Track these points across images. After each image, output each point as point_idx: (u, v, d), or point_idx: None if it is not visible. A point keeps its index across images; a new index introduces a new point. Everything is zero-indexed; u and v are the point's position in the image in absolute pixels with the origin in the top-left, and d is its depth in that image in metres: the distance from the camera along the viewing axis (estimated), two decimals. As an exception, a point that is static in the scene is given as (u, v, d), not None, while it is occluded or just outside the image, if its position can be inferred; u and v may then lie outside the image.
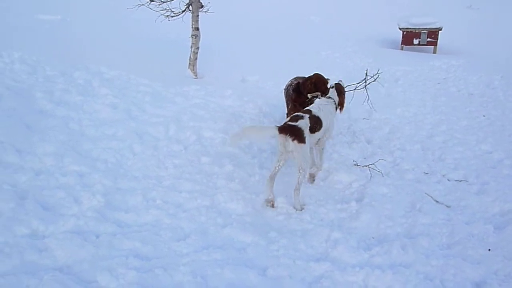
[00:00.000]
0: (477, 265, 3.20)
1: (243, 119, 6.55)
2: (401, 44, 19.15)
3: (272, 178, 4.34)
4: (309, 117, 4.43)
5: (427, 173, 5.00)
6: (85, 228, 3.45)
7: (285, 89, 5.92)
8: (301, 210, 4.20)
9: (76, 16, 13.43)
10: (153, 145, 5.34)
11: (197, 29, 8.89)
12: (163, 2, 8.37)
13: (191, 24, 8.90)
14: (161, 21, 8.59)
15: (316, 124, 4.51)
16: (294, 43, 13.29)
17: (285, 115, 5.91)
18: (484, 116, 7.28)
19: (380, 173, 4.86)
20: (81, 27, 11.81)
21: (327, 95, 4.99)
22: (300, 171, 4.24)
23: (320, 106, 4.76)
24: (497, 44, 17.51)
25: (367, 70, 6.19)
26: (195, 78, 9.04)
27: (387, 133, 6.42)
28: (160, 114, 6.40)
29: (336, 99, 4.99)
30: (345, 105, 5.12)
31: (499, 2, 29.50)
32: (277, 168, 4.35)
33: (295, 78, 5.92)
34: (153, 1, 8.29)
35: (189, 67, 9.16)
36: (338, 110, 5.06)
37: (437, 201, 4.29)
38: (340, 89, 5.10)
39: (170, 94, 7.44)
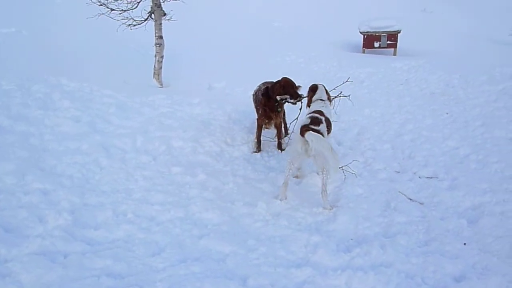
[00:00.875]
0: (455, 260, 3.23)
1: (212, 127, 6.44)
2: (363, 47, 19.66)
3: (286, 183, 4.34)
4: (325, 119, 4.39)
5: (398, 172, 5.07)
6: (52, 249, 3.23)
7: (253, 95, 5.88)
8: (331, 210, 4.18)
9: (33, 29, 12.88)
10: (120, 158, 5.14)
11: (161, 37, 8.72)
12: (124, 11, 8.14)
13: (154, 32, 8.72)
14: (123, 30, 8.36)
15: (329, 126, 4.50)
16: (259, 49, 13.32)
17: (255, 121, 5.86)
18: (447, 113, 7.49)
19: (354, 174, 4.88)
20: (38, 39, 11.29)
21: (319, 98, 4.89)
22: (324, 172, 4.17)
23: (323, 109, 4.68)
24: (451, 45, 18.34)
25: (348, 79, 6.33)
26: (160, 87, 8.86)
27: (356, 134, 6.49)
28: (126, 126, 6.19)
29: (325, 97, 4.97)
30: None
31: (450, 5, 31.43)
32: (291, 171, 4.31)
33: (263, 83, 5.89)
34: (113, 10, 8.04)
35: (154, 77, 8.96)
36: None
37: (410, 199, 4.34)
38: (326, 89, 5.08)
39: (136, 105, 7.24)
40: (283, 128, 5.92)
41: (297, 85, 5.41)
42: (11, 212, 3.61)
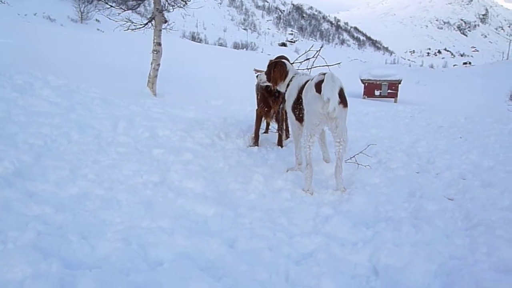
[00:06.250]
0: (514, 244, 2.42)
1: (205, 125, 5.74)
2: (363, 95, 19.65)
3: (311, 166, 3.38)
4: None
5: (418, 172, 4.32)
6: (-27, 191, 2.40)
7: (255, 85, 5.26)
8: (344, 191, 3.40)
9: (29, 40, 12.66)
10: (95, 134, 4.39)
11: (159, 44, 8.28)
12: (124, 10, 7.76)
13: (152, 39, 8.31)
14: (119, 31, 7.94)
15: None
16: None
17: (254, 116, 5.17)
18: (460, 137, 6.91)
19: (368, 167, 4.12)
20: (33, 47, 11.01)
21: (295, 72, 4.11)
22: (342, 143, 3.40)
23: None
24: (450, 104, 18.52)
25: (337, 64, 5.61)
26: (153, 96, 8.27)
27: (365, 145, 5.78)
28: (108, 113, 5.51)
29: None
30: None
31: (440, 81, 34.70)
32: (311, 147, 3.39)
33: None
34: (112, 7, 7.65)
35: (147, 85, 8.39)
36: None
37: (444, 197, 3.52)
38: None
39: (123, 103, 6.59)
40: (284, 124, 5.23)
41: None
42: None
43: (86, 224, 2.20)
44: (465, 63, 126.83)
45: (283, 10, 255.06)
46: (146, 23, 8.17)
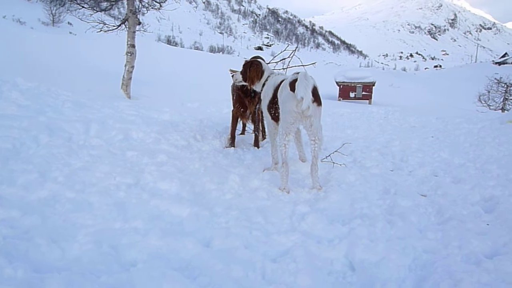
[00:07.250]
0: (484, 236, 2.48)
1: (180, 128, 5.68)
2: (339, 97, 19.93)
3: (287, 165, 3.37)
4: None
5: (392, 170, 4.40)
6: None
7: (231, 86, 5.23)
8: (320, 189, 3.39)
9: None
10: (66, 137, 4.26)
11: (133, 46, 8.17)
12: (96, 11, 7.61)
13: (126, 41, 8.18)
14: (92, 32, 7.78)
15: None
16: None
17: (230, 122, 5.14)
18: (432, 137, 7.10)
19: (343, 165, 4.16)
20: (0, 50, 10.67)
21: (271, 72, 4.10)
22: (317, 141, 3.37)
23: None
24: (421, 105, 19.09)
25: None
26: (128, 99, 8.14)
27: (340, 145, 5.85)
28: (80, 115, 5.37)
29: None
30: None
31: (412, 82, 36.33)
32: (287, 146, 3.40)
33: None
34: (84, 8, 7.49)
35: (121, 87, 8.27)
36: None
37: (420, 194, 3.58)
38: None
39: (96, 105, 6.45)
40: (260, 125, 5.22)
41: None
42: None
43: (55, 227, 2.13)
44: (436, 66, 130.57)
45: (259, 14, 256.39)
46: (119, 25, 8.04)
